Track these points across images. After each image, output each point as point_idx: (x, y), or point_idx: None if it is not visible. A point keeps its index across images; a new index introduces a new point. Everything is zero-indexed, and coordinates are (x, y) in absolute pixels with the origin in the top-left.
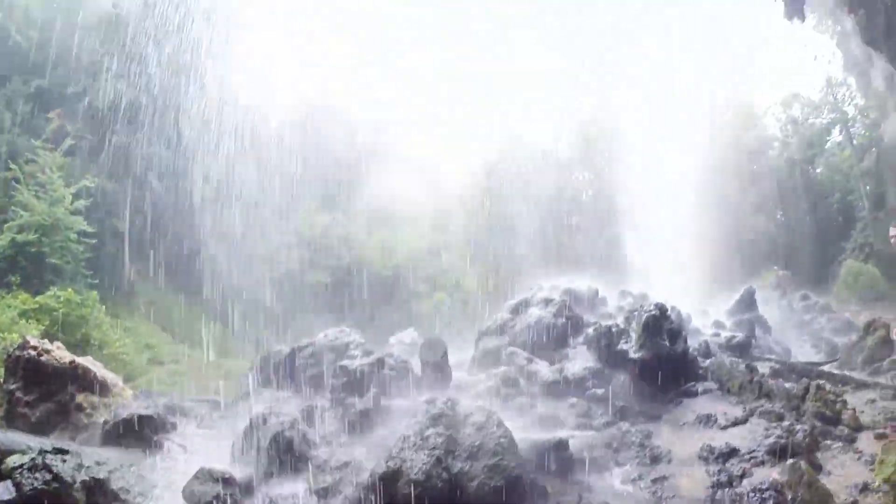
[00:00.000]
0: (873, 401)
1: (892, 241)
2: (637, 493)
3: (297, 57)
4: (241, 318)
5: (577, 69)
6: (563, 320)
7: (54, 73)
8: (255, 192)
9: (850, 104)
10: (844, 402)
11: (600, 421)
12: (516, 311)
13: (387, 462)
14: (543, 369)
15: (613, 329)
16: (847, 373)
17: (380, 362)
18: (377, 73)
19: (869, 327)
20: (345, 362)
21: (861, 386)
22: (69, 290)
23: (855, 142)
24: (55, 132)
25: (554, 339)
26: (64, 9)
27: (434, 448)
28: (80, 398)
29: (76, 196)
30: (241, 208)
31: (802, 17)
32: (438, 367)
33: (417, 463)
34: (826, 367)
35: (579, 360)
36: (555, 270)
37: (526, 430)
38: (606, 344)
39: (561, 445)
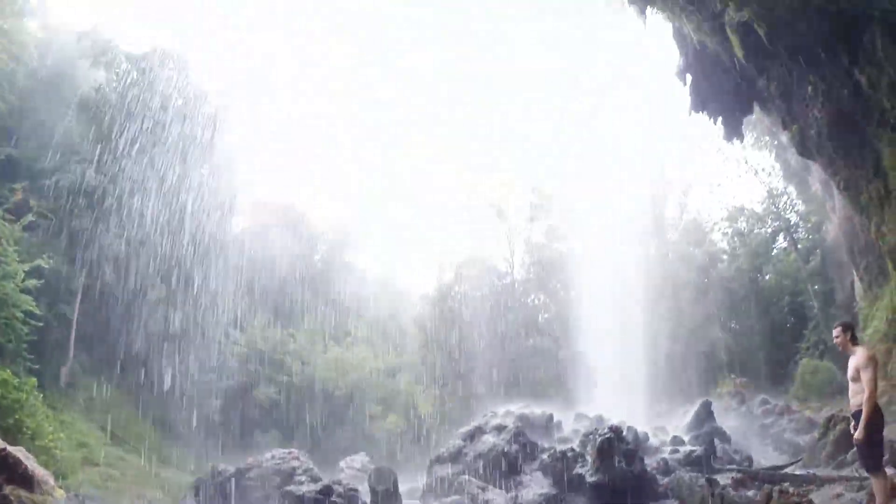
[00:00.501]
0: (840, 495)
1: (836, 341)
2: None
3: (267, 165)
4: (184, 427)
5: (529, 191)
6: (517, 447)
7: (26, 145)
8: (211, 296)
9: (791, 211)
10: (810, 502)
11: None
12: (469, 437)
13: None
14: (498, 498)
15: (569, 454)
16: (812, 471)
17: (327, 490)
18: (340, 185)
19: (829, 422)
20: (291, 488)
21: (827, 482)
22: (7, 371)
23: (799, 246)
24: (17, 205)
25: (508, 466)
26: (47, 82)
27: None
28: (7, 490)
29: (28, 274)
30: (194, 312)
31: (741, 137)
32: (389, 495)
33: None
34: (790, 469)
35: (534, 487)
36: (512, 392)
37: None
38: (562, 469)
39: None
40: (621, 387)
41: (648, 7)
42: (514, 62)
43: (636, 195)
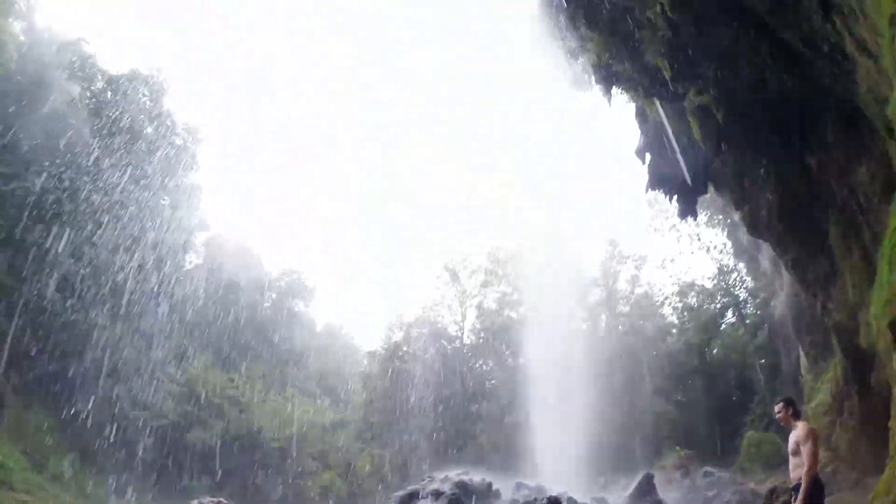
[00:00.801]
0: None
1: (778, 416)
2: None
3: (232, 203)
4: (110, 462)
5: (482, 257)
6: None
7: None
8: (155, 330)
9: (741, 288)
10: None
11: None
12: (405, 503)
13: None
14: None
15: None
16: None
17: None
18: (299, 234)
19: (772, 494)
20: None
21: None
22: None
23: (748, 321)
24: None
25: None
26: (21, 86)
27: None
28: None
29: None
30: (135, 343)
31: (695, 215)
32: None
33: None
34: None
35: None
36: (454, 457)
37: None
38: None
39: None
40: (564, 456)
41: (614, 87)
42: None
43: (590, 268)
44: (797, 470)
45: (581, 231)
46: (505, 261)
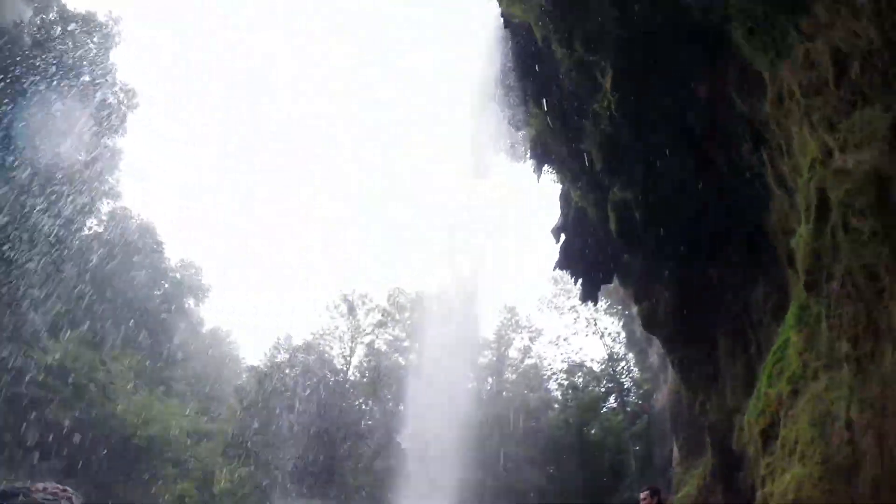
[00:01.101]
0: None
1: (643, 501)
2: None
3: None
4: None
5: (382, 296)
6: None
7: None
8: (34, 289)
9: (627, 376)
10: None
11: None
12: None
13: None
14: None
15: None
16: None
17: None
18: (206, 224)
19: None
20: None
21: None
22: None
23: (628, 409)
24: None
25: None
26: None
27: None
28: None
29: None
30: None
31: (596, 301)
32: None
33: None
34: None
35: None
36: (318, 491)
37: None
38: None
39: None
40: None
41: (546, 165)
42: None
43: (486, 329)
44: None
45: (484, 291)
46: (403, 305)
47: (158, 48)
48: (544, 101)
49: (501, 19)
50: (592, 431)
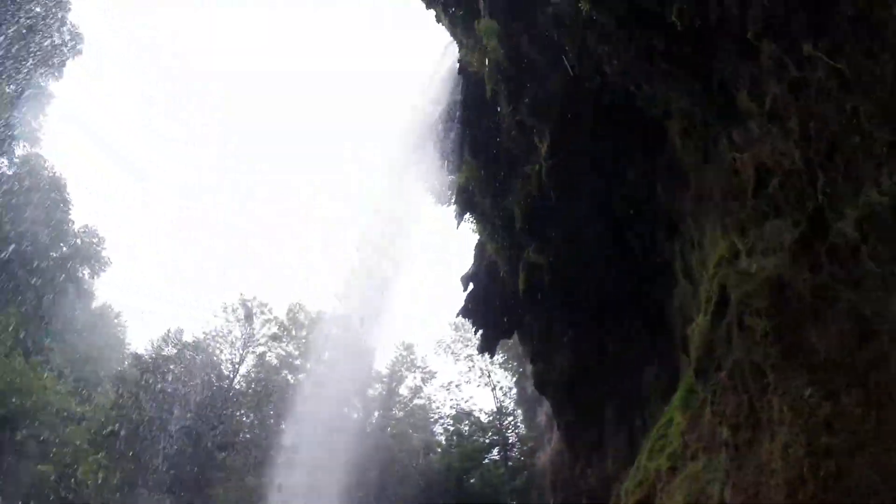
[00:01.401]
0: None
1: None
2: None
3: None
4: None
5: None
6: None
7: None
8: None
9: (513, 431)
10: None
11: None
12: None
13: None
14: None
15: None
16: None
17: None
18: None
19: None
20: None
21: None
22: None
23: (510, 463)
24: None
25: None
26: None
27: None
28: None
29: None
30: None
31: (493, 354)
32: None
33: None
34: None
35: None
36: (185, 499)
37: None
38: None
39: None
40: None
41: (468, 213)
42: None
43: (380, 363)
44: None
45: (384, 324)
46: (301, 322)
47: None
48: (480, 152)
49: (458, 64)
50: (472, 481)
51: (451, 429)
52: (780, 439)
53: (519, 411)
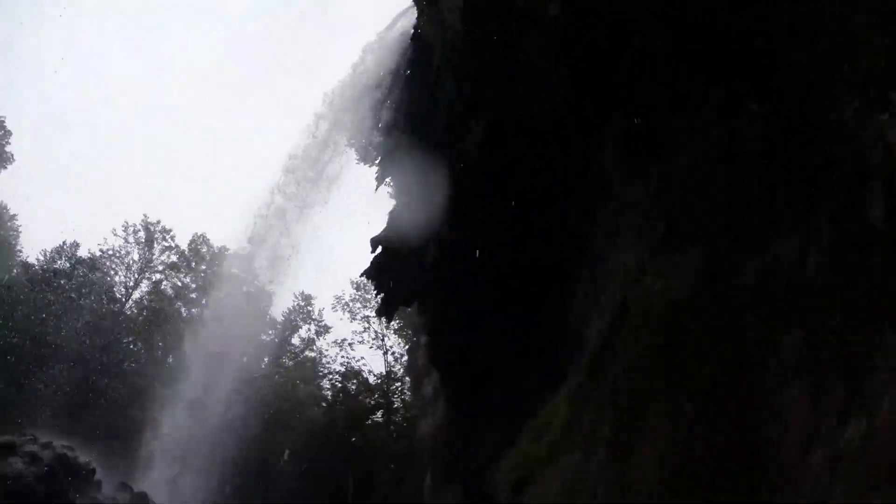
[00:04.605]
0: None
1: None
2: None
3: None
4: None
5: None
6: (46, 488)
7: None
8: None
9: (399, 398)
10: None
11: None
12: None
13: None
14: None
15: None
16: None
17: None
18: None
19: None
20: None
21: None
22: None
23: (393, 427)
24: None
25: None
26: None
27: None
28: None
29: None
30: None
31: (390, 319)
32: None
33: None
34: None
35: None
36: (65, 425)
37: None
38: None
39: None
40: (179, 474)
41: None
42: None
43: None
44: None
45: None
46: (203, 255)
47: None
48: (416, 123)
49: (412, 31)
50: (353, 439)
51: (339, 385)
52: (658, 446)
53: (408, 379)
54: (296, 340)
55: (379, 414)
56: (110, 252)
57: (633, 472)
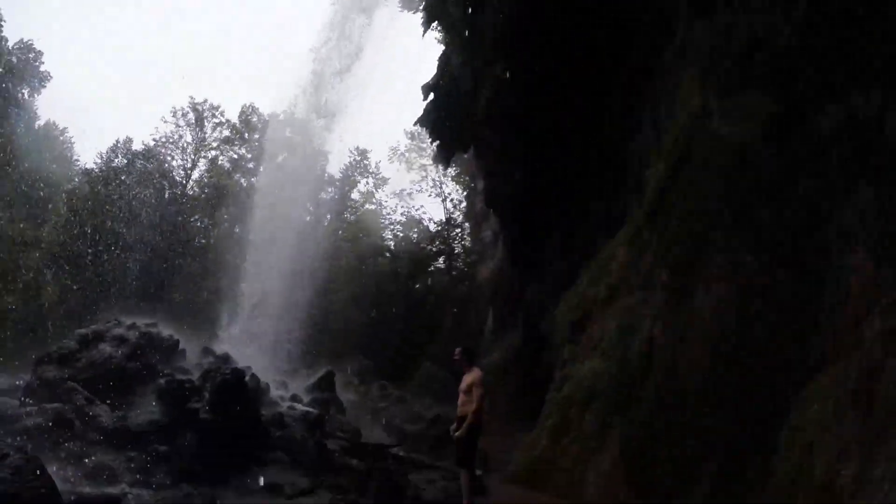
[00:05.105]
0: (434, 481)
1: (455, 359)
2: None
3: None
4: None
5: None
6: (136, 365)
7: None
8: None
9: (459, 243)
10: (408, 480)
11: (161, 480)
12: (85, 342)
13: None
14: (104, 414)
15: (187, 385)
16: (413, 455)
17: None
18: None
19: (436, 419)
20: None
21: (425, 467)
22: None
23: (454, 273)
24: None
25: (122, 383)
26: None
27: None
28: None
29: None
30: None
31: (447, 166)
32: None
33: None
34: (394, 450)
35: (145, 411)
36: (147, 309)
37: (76, 481)
38: (177, 399)
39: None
40: (256, 336)
41: (437, 22)
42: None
43: (333, 167)
44: (465, 406)
45: (339, 127)
46: (255, 125)
47: None
48: None
49: None
50: (417, 286)
51: (401, 235)
52: (714, 295)
53: (467, 225)
54: (355, 195)
55: (440, 260)
56: (163, 140)
57: (689, 318)
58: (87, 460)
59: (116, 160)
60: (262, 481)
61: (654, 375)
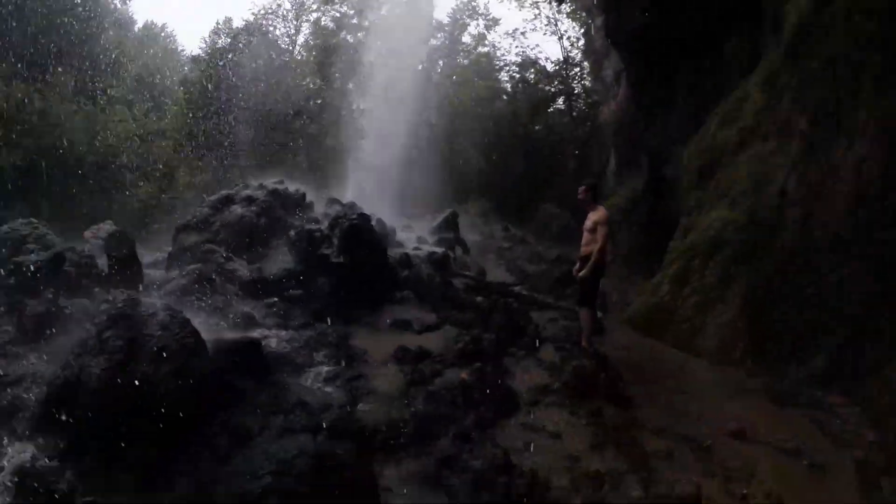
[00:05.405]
0: (555, 319)
1: (580, 195)
2: (334, 392)
3: None
4: None
5: None
6: (266, 220)
7: None
8: None
9: (578, 82)
10: (529, 318)
11: (298, 322)
12: (218, 207)
13: (63, 371)
14: (242, 268)
15: (316, 233)
16: (535, 294)
17: (58, 258)
18: None
19: (557, 259)
20: (19, 258)
21: (546, 307)
22: None
23: (574, 113)
24: None
25: (255, 239)
26: None
27: (114, 352)
28: None
29: None
30: None
31: (561, 2)
32: (126, 262)
33: (96, 370)
34: (517, 288)
35: (279, 261)
36: (272, 171)
37: (220, 329)
38: (307, 247)
39: (254, 345)
40: (378, 184)
41: None
42: None
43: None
44: (589, 245)
45: None
46: None
47: None
48: None
49: None
50: (537, 128)
51: (517, 76)
52: (858, 150)
53: (586, 63)
54: (466, 38)
55: (560, 101)
56: (262, 12)
57: (828, 172)
58: (230, 310)
59: (220, 41)
60: (391, 318)
61: (785, 230)
